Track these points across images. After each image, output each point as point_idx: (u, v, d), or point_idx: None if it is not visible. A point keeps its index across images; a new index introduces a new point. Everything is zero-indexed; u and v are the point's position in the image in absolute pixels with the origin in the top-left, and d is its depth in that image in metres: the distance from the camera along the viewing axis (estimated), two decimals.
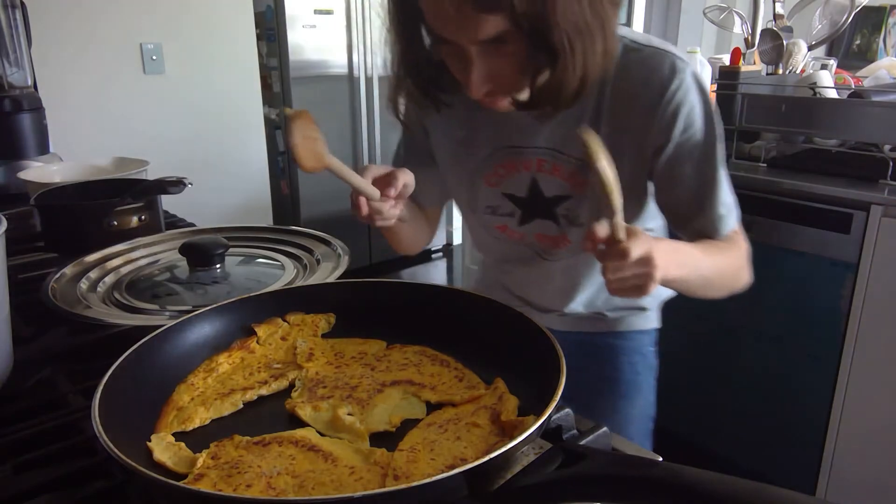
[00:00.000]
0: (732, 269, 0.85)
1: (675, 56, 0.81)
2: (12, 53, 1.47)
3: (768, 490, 0.41)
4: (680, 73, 0.80)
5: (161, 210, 1.23)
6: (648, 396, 1.11)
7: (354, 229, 3.77)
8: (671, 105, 0.80)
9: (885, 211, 1.59)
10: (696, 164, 0.83)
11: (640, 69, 0.81)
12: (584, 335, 1.07)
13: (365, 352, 0.72)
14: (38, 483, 0.56)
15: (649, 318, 1.08)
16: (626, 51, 0.82)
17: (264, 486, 0.51)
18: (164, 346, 0.67)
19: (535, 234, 0.96)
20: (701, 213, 0.84)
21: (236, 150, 3.06)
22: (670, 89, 0.80)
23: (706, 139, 0.82)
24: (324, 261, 0.98)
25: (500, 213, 0.97)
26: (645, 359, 1.09)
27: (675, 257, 0.72)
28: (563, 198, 0.91)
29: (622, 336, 1.07)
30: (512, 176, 0.93)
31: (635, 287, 0.67)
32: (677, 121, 0.81)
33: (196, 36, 2.83)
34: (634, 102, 0.82)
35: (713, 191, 0.83)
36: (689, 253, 0.77)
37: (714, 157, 0.83)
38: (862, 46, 2.59)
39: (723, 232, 0.85)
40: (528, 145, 0.89)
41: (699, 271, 0.79)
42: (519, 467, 0.51)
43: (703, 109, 0.82)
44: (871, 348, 1.67)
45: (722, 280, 0.84)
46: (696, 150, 0.82)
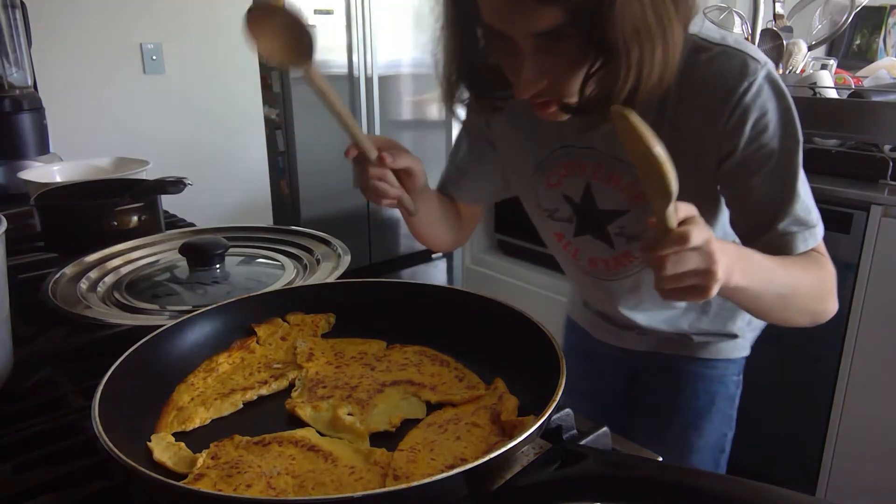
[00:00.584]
0: (815, 291, 0.77)
1: (747, 55, 0.73)
2: (12, 53, 1.47)
3: (768, 490, 0.41)
4: (751, 75, 0.72)
5: (161, 210, 1.23)
6: (721, 428, 1.04)
7: (354, 229, 3.77)
8: (738, 109, 0.73)
9: (885, 211, 1.59)
10: (767, 176, 0.75)
11: (706, 71, 0.74)
12: (662, 357, 1.02)
13: (365, 352, 0.72)
14: (38, 483, 0.56)
15: (739, 346, 1.00)
16: (696, 50, 0.75)
17: (264, 486, 0.51)
18: (164, 346, 0.67)
19: (587, 256, 0.93)
20: (771, 229, 0.76)
21: (236, 150, 3.06)
22: (738, 92, 0.72)
23: (781, 149, 0.74)
24: (324, 261, 0.97)
25: (557, 218, 0.93)
26: (725, 388, 1.02)
27: (742, 264, 0.66)
28: (618, 213, 0.86)
29: (705, 363, 1.00)
30: (570, 178, 0.88)
31: (693, 288, 0.60)
32: (745, 127, 0.73)
33: (196, 36, 2.83)
34: (698, 106, 0.75)
35: (787, 205, 0.75)
36: (759, 262, 0.70)
37: (790, 168, 0.75)
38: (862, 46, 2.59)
39: (796, 250, 0.76)
40: (586, 145, 0.85)
41: (772, 285, 0.72)
42: (519, 467, 0.51)
43: (779, 116, 0.74)
44: (871, 348, 1.67)
45: (803, 301, 0.77)
46: (768, 161, 0.75)
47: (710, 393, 1.02)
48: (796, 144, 0.75)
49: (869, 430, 1.71)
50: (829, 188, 1.67)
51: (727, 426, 1.05)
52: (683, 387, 1.03)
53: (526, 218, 1.05)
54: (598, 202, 0.87)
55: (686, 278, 0.59)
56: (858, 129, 1.75)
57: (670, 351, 1.02)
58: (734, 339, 1.00)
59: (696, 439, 1.04)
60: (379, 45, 3.58)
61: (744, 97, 0.72)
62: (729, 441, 1.07)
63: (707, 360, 1.00)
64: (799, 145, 0.75)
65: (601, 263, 0.92)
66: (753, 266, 0.68)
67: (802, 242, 0.76)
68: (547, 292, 2.34)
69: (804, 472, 1.84)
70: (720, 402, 1.03)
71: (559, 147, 0.87)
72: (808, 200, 0.77)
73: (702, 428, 1.03)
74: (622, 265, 0.91)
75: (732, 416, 1.06)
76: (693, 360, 1.01)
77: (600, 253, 0.91)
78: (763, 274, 0.70)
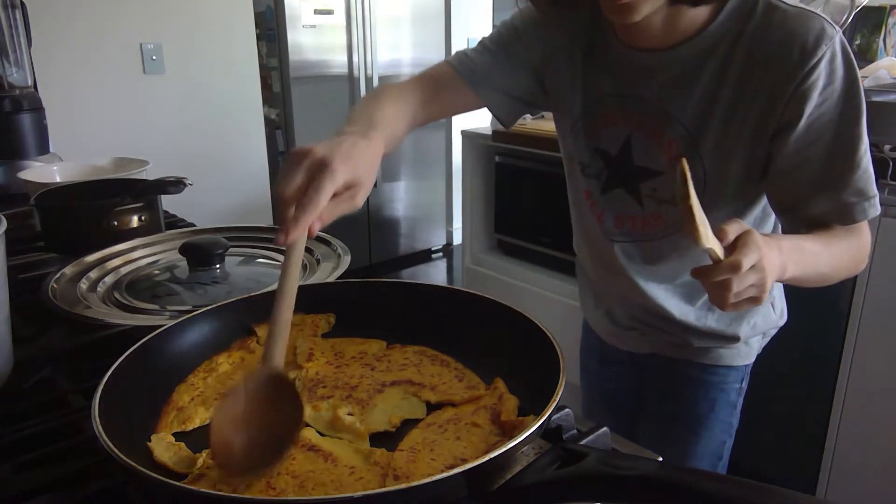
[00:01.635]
0: (853, 260, 0.79)
1: (825, 20, 0.72)
2: (12, 53, 1.47)
3: (768, 490, 0.41)
4: (828, 41, 0.71)
5: (161, 210, 1.23)
6: (721, 436, 1.04)
7: (354, 229, 3.77)
8: (812, 76, 0.71)
9: (885, 211, 1.59)
10: (826, 145, 0.74)
11: (780, 30, 0.72)
12: (664, 360, 1.02)
13: (365, 351, 0.72)
14: (38, 483, 0.56)
15: (741, 354, 1.00)
16: (769, 8, 0.73)
17: (264, 485, 0.51)
18: (164, 346, 0.67)
19: (615, 214, 0.90)
20: (824, 199, 0.76)
21: (236, 150, 3.06)
22: (816, 56, 0.70)
23: (844, 118, 0.74)
24: (324, 261, 0.97)
25: (588, 174, 0.91)
26: (726, 396, 1.02)
27: (796, 256, 0.68)
28: (653, 173, 0.84)
29: (705, 369, 1.00)
30: (609, 129, 0.86)
31: (750, 299, 0.63)
32: (813, 94, 0.72)
33: (196, 36, 2.83)
34: (770, 67, 0.73)
35: (844, 176, 0.75)
36: (811, 250, 0.73)
37: (852, 138, 0.74)
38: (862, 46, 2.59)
39: (858, 220, 0.77)
40: (636, 95, 0.83)
41: (819, 267, 0.74)
42: (519, 467, 0.51)
43: (847, 86, 0.73)
44: (871, 348, 1.67)
45: (842, 272, 0.79)
46: (830, 129, 0.74)
47: (709, 399, 1.01)
48: (859, 115, 0.74)
49: (869, 430, 1.71)
50: None
51: (726, 434, 1.05)
52: (684, 392, 1.02)
53: (526, 218, 1.05)
54: (635, 157, 0.85)
55: (744, 294, 0.62)
56: None
57: (671, 354, 1.01)
58: (736, 346, 0.99)
59: (695, 445, 1.03)
60: (379, 45, 3.58)
61: (819, 63, 0.71)
62: (728, 449, 1.06)
63: (707, 365, 1.00)
64: (861, 116, 0.74)
65: (628, 222, 0.90)
66: (804, 256, 0.71)
67: (861, 213, 0.77)
68: (547, 292, 2.35)
69: (804, 472, 1.84)
70: (720, 410, 1.02)
71: (606, 95, 0.86)
72: (871, 170, 0.76)
73: (700, 434, 1.03)
74: (649, 226, 0.89)
75: (733, 425, 1.05)
76: (693, 365, 1.00)
77: (629, 210, 0.89)
78: (812, 259, 0.72)
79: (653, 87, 0.81)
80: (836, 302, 1.69)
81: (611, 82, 0.85)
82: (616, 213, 0.91)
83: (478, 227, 2.70)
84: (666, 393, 1.05)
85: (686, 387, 1.02)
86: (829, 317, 1.72)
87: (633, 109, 0.84)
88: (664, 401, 1.06)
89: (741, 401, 1.04)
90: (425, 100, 0.86)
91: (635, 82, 0.83)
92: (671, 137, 0.81)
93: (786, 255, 0.66)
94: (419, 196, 4.06)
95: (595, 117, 0.88)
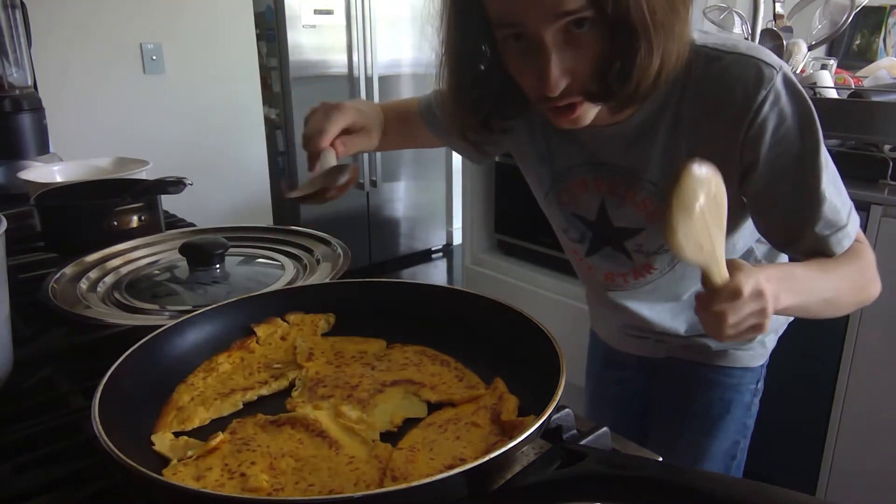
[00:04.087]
0: (857, 284, 0.78)
1: (761, 62, 0.71)
2: (12, 53, 1.47)
3: (768, 490, 0.41)
4: (767, 82, 0.70)
5: (161, 210, 1.23)
6: (734, 436, 1.03)
7: (354, 229, 3.77)
8: (758, 118, 0.71)
9: (884, 211, 1.59)
10: (793, 183, 0.74)
11: (720, 80, 0.72)
12: (680, 363, 1.01)
13: (365, 351, 0.72)
14: (38, 483, 0.56)
15: (758, 355, 0.99)
16: (708, 61, 0.73)
17: (267, 465, 0.53)
18: (164, 346, 0.67)
19: (603, 272, 0.92)
20: (806, 235, 0.75)
21: (236, 150, 3.06)
22: (756, 101, 0.70)
23: (803, 153, 0.73)
24: (324, 261, 0.97)
25: (571, 237, 0.93)
26: (742, 397, 1.01)
27: (787, 284, 0.67)
28: (634, 231, 0.85)
29: (722, 371, 0.99)
30: (583, 195, 0.87)
31: (752, 327, 0.62)
32: (765, 136, 0.72)
33: (196, 36, 2.83)
34: (717, 117, 0.73)
35: (816, 209, 0.74)
36: (804, 276, 0.72)
37: (814, 171, 0.73)
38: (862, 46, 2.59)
39: (835, 251, 0.76)
40: (603, 161, 0.83)
41: (817, 294, 0.73)
42: (519, 467, 0.51)
43: (799, 121, 0.72)
44: (871, 348, 1.67)
45: (846, 298, 0.78)
46: (792, 167, 0.73)
47: (725, 401, 1.01)
48: (817, 146, 0.73)
49: (869, 430, 1.71)
50: None
51: (741, 434, 1.04)
52: (699, 394, 1.02)
53: (526, 218, 1.05)
54: (613, 220, 0.86)
55: (744, 323, 0.61)
56: (858, 129, 1.75)
57: (688, 357, 1.00)
58: (752, 347, 0.98)
59: (709, 446, 1.03)
60: (379, 45, 3.58)
61: (762, 106, 0.71)
62: (742, 450, 1.06)
63: (724, 367, 0.99)
64: (820, 147, 0.73)
65: (619, 277, 0.92)
66: (798, 283, 0.70)
67: (837, 245, 0.76)
68: (547, 292, 2.34)
69: (804, 472, 1.84)
70: (735, 411, 1.02)
71: (576, 164, 0.86)
72: (836, 200, 0.75)
73: (714, 435, 1.02)
74: (641, 275, 0.90)
75: (747, 425, 1.04)
76: (710, 368, 1.00)
77: (619, 267, 0.90)
78: (807, 286, 0.71)
79: (616, 151, 0.82)
80: None
81: (577, 150, 0.86)
82: (606, 270, 0.92)
83: (478, 227, 2.70)
84: (679, 395, 1.05)
85: (701, 389, 1.02)
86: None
87: (602, 175, 0.84)
88: (677, 403, 1.06)
89: (757, 401, 1.04)
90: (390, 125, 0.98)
91: (599, 150, 0.84)
92: (643, 196, 0.82)
93: (775, 284, 0.64)
94: (419, 196, 4.06)
95: (567, 185, 0.89)
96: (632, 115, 0.79)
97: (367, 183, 3.77)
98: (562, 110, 0.70)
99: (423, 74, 3.86)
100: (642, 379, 1.10)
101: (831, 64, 2.13)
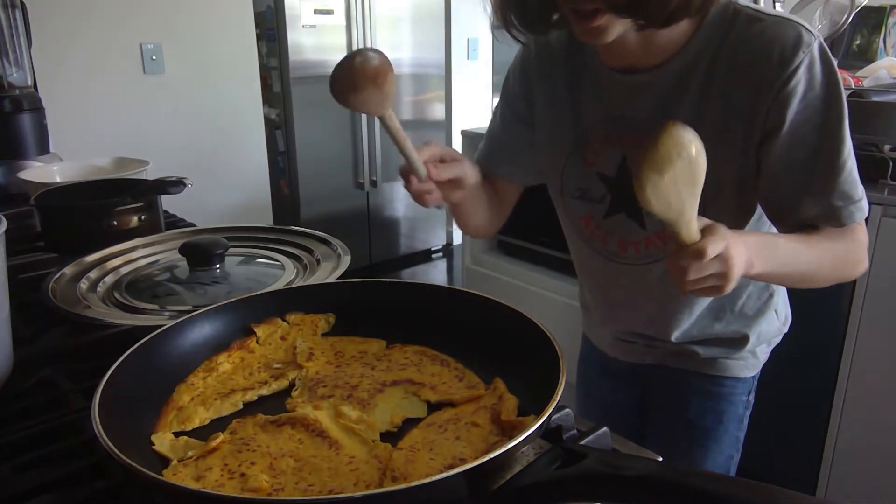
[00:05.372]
0: (840, 263, 0.79)
1: (802, 27, 0.73)
2: (12, 53, 1.47)
3: (768, 490, 0.41)
4: (806, 46, 0.72)
5: (161, 210, 1.23)
6: (727, 450, 1.03)
7: (354, 229, 3.77)
8: (792, 81, 0.72)
9: (884, 211, 1.59)
10: (810, 150, 0.75)
11: (759, 40, 0.74)
12: (670, 371, 1.01)
13: (365, 351, 0.72)
14: (38, 483, 0.56)
15: (749, 365, 0.99)
16: (749, 20, 0.75)
17: (267, 465, 0.53)
18: (164, 346, 0.67)
19: (617, 239, 0.91)
20: (810, 203, 0.76)
21: (236, 150, 3.06)
22: (794, 63, 0.71)
23: (826, 123, 0.74)
24: (324, 261, 0.97)
25: (588, 198, 0.91)
26: (734, 409, 1.00)
27: (767, 252, 0.69)
28: None
29: (712, 380, 0.99)
30: (606, 152, 0.87)
31: (712, 288, 0.64)
32: (794, 100, 0.73)
33: (196, 36, 2.83)
34: (751, 77, 0.74)
35: (830, 180, 0.75)
36: (786, 247, 0.73)
37: (834, 142, 0.74)
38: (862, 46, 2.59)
39: (846, 223, 0.77)
40: (627, 114, 0.83)
41: (796, 266, 0.75)
42: (519, 467, 0.51)
43: (828, 91, 0.73)
44: (871, 348, 1.67)
45: (827, 273, 0.79)
46: (813, 134, 0.74)
47: (717, 412, 1.00)
48: (840, 119, 0.74)
49: (869, 431, 1.71)
50: None
51: (734, 448, 1.03)
52: (691, 404, 1.01)
53: (526, 218, 1.05)
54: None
55: (704, 282, 0.63)
56: (858, 129, 1.73)
57: (677, 365, 1.00)
58: (742, 357, 0.98)
59: (702, 458, 1.02)
60: (379, 45, 3.58)
61: (798, 69, 0.72)
62: (735, 464, 1.05)
63: (714, 376, 0.99)
64: (843, 121, 0.74)
65: (631, 247, 0.91)
66: (776, 252, 0.71)
67: (849, 216, 0.77)
68: (547, 292, 2.34)
69: (804, 472, 1.84)
70: (728, 423, 1.01)
71: (600, 119, 0.87)
72: (855, 173, 0.76)
73: (708, 447, 1.01)
74: (652, 247, 0.89)
75: (740, 439, 1.04)
76: (701, 377, 0.99)
77: (632, 235, 0.90)
78: (786, 258, 0.73)
79: (643, 106, 0.82)
80: (836, 302, 1.69)
81: (600, 106, 0.86)
82: (619, 237, 0.92)
83: None
84: (672, 405, 1.04)
85: (693, 399, 1.01)
86: (829, 317, 1.71)
87: (626, 130, 0.85)
88: (670, 413, 1.05)
89: (748, 414, 1.03)
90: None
91: (624, 104, 0.84)
92: None
93: (753, 251, 0.67)
94: None
95: (589, 144, 0.89)
96: (663, 66, 0.79)
97: (367, 183, 3.77)
98: (584, 17, 0.70)
99: (424, 74, 3.86)
100: (636, 390, 1.10)
101: None
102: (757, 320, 0.96)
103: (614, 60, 0.84)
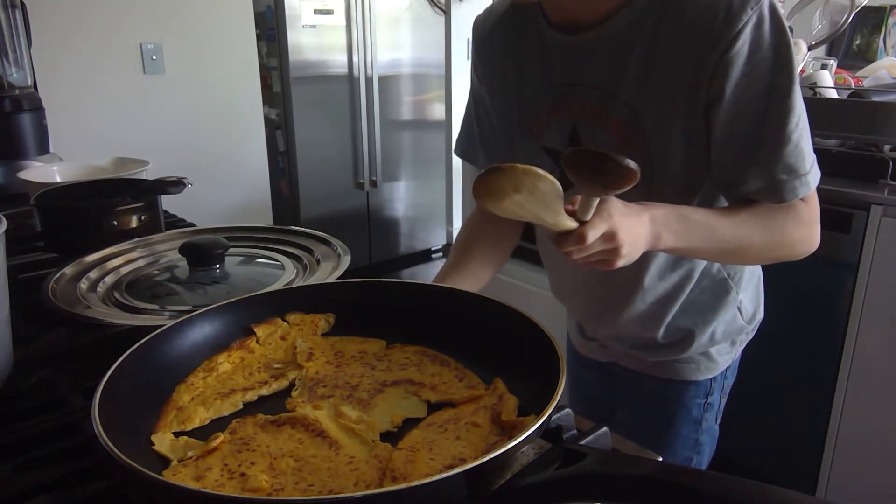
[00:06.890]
0: (771, 242, 0.75)
1: None
2: (12, 53, 1.47)
3: (768, 490, 0.41)
4: (755, 4, 0.67)
5: (161, 210, 1.23)
6: (682, 452, 1.00)
7: (354, 229, 3.77)
8: (737, 43, 0.67)
9: (884, 211, 1.59)
10: (756, 117, 0.70)
11: None
12: (626, 371, 1.01)
13: (365, 351, 0.72)
14: (38, 483, 0.56)
15: (700, 368, 0.95)
16: None
17: (266, 465, 0.53)
18: (164, 346, 0.67)
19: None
20: (754, 174, 0.72)
21: (236, 150, 3.06)
22: (741, 21, 0.67)
23: (773, 88, 0.69)
24: (324, 261, 0.97)
25: None
26: (686, 412, 0.98)
27: (676, 226, 0.68)
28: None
29: (661, 383, 0.98)
30: (552, 124, 0.83)
31: (601, 262, 0.66)
32: (739, 62, 0.68)
33: (196, 36, 2.83)
34: (695, 35, 0.69)
35: (775, 151, 0.70)
36: (701, 222, 0.71)
37: (781, 110, 0.70)
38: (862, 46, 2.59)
39: (787, 198, 0.72)
40: (573, 82, 0.80)
41: (713, 242, 0.72)
42: (519, 467, 0.51)
43: (777, 52, 0.68)
44: (871, 348, 1.67)
45: (759, 251, 0.76)
46: (760, 100, 0.70)
47: (666, 415, 0.98)
48: (790, 85, 0.70)
49: (869, 430, 1.71)
50: (828, 188, 1.66)
51: (692, 450, 1.01)
52: (641, 405, 1.01)
53: None
54: (584, 144, 0.81)
55: (591, 258, 0.66)
56: (858, 129, 1.75)
57: (630, 366, 1.00)
58: (693, 360, 0.95)
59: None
60: (379, 45, 3.58)
61: (745, 27, 0.67)
62: (698, 465, 1.03)
63: (663, 380, 0.97)
64: (793, 86, 0.70)
65: None
66: (690, 226, 0.70)
67: (791, 192, 0.73)
68: (546, 292, 2.34)
69: (804, 472, 1.84)
70: (680, 426, 0.98)
71: (545, 89, 0.84)
72: (803, 144, 0.72)
73: (661, 448, 0.99)
74: None
75: (700, 441, 1.01)
76: (652, 379, 0.98)
77: None
78: (701, 234, 0.71)
79: (589, 67, 0.79)
80: (836, 302, 1.69)
81: (546, 76, 0.83)
82: None
83: None
84: (629, 404, 1.05)
85: (643, 401, 1.01)
86: (829, 317, 1.71)
87: (574, 97, 0.81)
88: (628, 412, 1.06)
89: (710, 417, 1.00)
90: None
91: (572, 68, 0.80)
92: (616, 117, 0.78)
93: (660, 225, 0.67)
94: (419, 196, 4.06)
95: (536, 116, 0.86)
96: (608, 22, 0.75)
97: (367, 183, 3.77)
98: None
99: (424, 74, 3.86)
100: (605, 383, 1.10)
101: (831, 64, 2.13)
102: (711, 317, 0.92)
103: (559, 13, 0.80)
